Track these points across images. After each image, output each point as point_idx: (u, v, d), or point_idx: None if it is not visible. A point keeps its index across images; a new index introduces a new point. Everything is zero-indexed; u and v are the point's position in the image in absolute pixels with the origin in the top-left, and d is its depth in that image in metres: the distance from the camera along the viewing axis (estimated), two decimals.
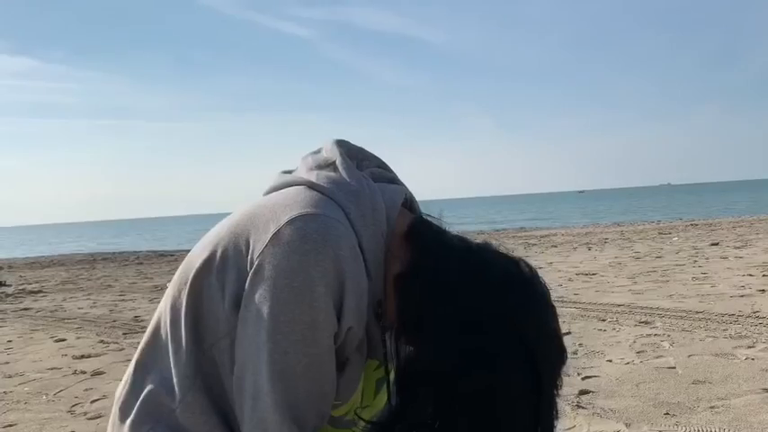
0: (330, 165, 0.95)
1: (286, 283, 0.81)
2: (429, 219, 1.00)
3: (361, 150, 1.01)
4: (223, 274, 0.88)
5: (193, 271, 0.91)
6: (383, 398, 1.03)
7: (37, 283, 13.31)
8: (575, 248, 13.24)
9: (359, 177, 0.93)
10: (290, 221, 0.83)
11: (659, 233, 16.09)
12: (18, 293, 11.35)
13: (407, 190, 1.02)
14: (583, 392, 3.63)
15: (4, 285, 13.06)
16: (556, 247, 13.96)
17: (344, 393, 0.94)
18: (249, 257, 0.85)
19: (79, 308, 8.83)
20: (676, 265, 9.21)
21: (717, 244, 11.95)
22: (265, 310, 0.82)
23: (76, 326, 7.20)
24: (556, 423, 0.91)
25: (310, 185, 0.91)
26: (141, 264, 17.37)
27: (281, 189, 0.94)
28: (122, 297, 9.80)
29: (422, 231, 0.94)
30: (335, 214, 0.86)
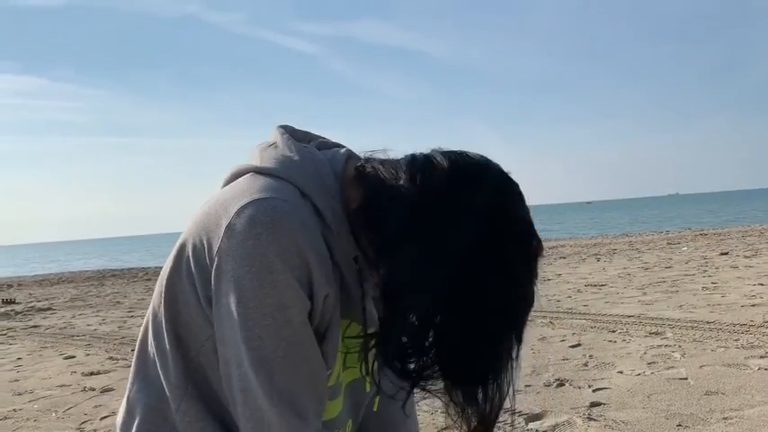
0: (272, 145, 0.97)
1: (246, 270, 0.81)
2: (373, 154, 0.98)
3: (306, 133, 1.03)
4: (191, 277, 0.89)
5: (165, 277, 0.93)
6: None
7: (46, 300, 13.35)
8: (583, 259, 13.19)
9: (299, 148, 0.95)
10: (239, 212, 0.84)
11: (668, 243, 16.01)
12: (27, 311, 11.39)
13: (351, 150, 1.02)
14: (594, 404, 3.60)
15: (14, 303, 13.10)
16: (564, 258, 13.91)
17: (330, 360, 0.92)
18: (209, 256, 0.86)
19: (88, 325, 8.85)
20: (686, 275, 9.15)
21: (726, 253, 11.87)
22: (233, 302, 0.82)
23: (86, 343, 7.21)
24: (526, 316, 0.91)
25: (256, 171, 0.92)
26: (149, 280, 17.40)
27: (232, 180, 0.95)
28: (131, 313, 9.81)
29: (366, 167, 0.94)
30: (281, 193, 0.86)
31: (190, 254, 0.89)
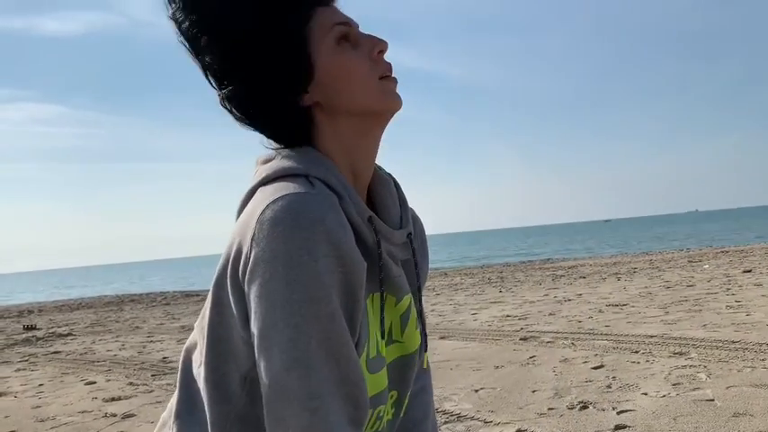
0: (266, 162, 0.95)
1: (273, 271, 0.77)
2: None
3: None
4: (230, 299, 0.85)
5: (209, 307, 0.88)
6: (412, 334, 0.99)
7: (66, 326, 13.46)
8: (603, 279, 13.06)
9: (287, 152, 0.92)
10: (259, 219, 0.80)
11: (689, 261, 15.82)
12: (48, 336, 11.48)
13: None
14: (619, 427, 3.54)
15: (35, 329, 13.22)
16: (584, 278, 13.78)
17: (363, 336, 0.87)
18: (241, 274, 0.81)
19: (108, 350, 8.89)
20: (708, 293, 9.03)
21: (750, 271, 11.70)
22: (264, 306, 0.78)
23: (106, 368, 7.24)
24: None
25: (263, 182, 0.89)
26: (168, 304, 17.49)
27: (245, 205, 0.91)
28: (150, 338, 9.85)
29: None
30: (292, 188, 0.83)
31: (227, 277, 0.84)
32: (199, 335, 0.93)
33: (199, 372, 0.92)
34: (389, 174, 1.04)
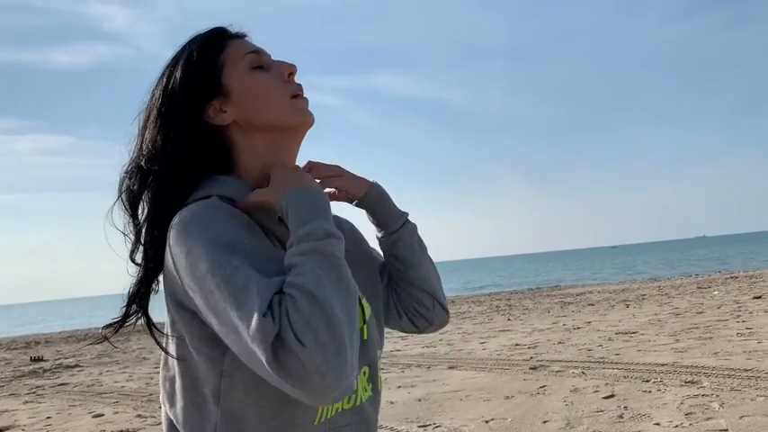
0: None
1: (190, 234, 0.87)
2: None
3: None
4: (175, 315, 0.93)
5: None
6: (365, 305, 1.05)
7: (73, 357, 13.43)
8: (612, 306, 12.98)
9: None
10: (171, 225, 0.90)
11: (698, 287, 15.72)
12: (55, 368, 11.45)
13: None
14: None
15: (42, 360, 13.20)
16: (593, 305, 13.70)
17: None
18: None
19: (116, 381, 8.86)
20: (719, 320, 8.96)
21: (760, 297, 11.61)
22: (193, 262, 0.85)
23: (114, 400, 7.21)
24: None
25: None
26: None
27: None
28: (158, 369, 9.79)
29: None
30: (193, 205, 0.92)
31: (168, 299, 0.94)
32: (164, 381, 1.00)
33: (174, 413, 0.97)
34: None
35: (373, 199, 1.14)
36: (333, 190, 1.12)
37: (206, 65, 0.98)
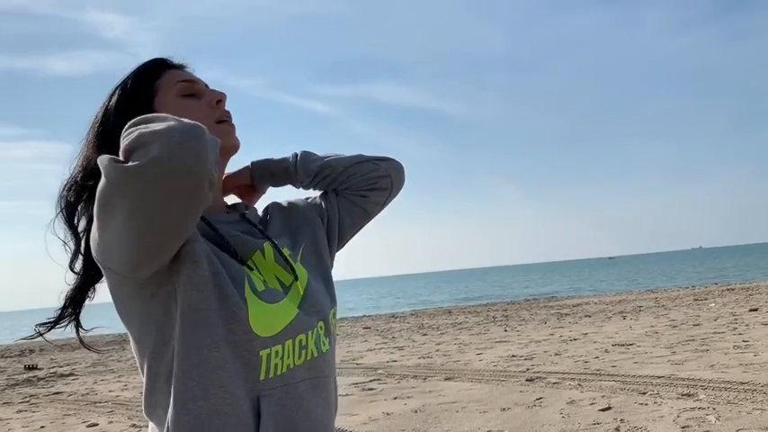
0: None
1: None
2: None
3: None
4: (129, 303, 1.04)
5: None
6: (299, 269, 1.10)
7: (68, 365, 13.36)
8: (609, 317, 12.98)
9: None
10: None
11: (695, 299, 15.73)
12: (50, 377, 11.39)
13: None
14: None
15: (36, 369, 13.13)
16: (589, 316, 13.69)
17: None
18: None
19: (110, 390, 8.81)
20: (715, 332, 8.96)
21: (756, 309, 11.62)
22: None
23: (108, 409, 7.17)
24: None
25: None
26: None
27: None
28: None
29: None
30: None
31: None
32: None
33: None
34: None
35: (260, 172, 1.22)
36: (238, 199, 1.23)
37: (140, 91, 1.08)
